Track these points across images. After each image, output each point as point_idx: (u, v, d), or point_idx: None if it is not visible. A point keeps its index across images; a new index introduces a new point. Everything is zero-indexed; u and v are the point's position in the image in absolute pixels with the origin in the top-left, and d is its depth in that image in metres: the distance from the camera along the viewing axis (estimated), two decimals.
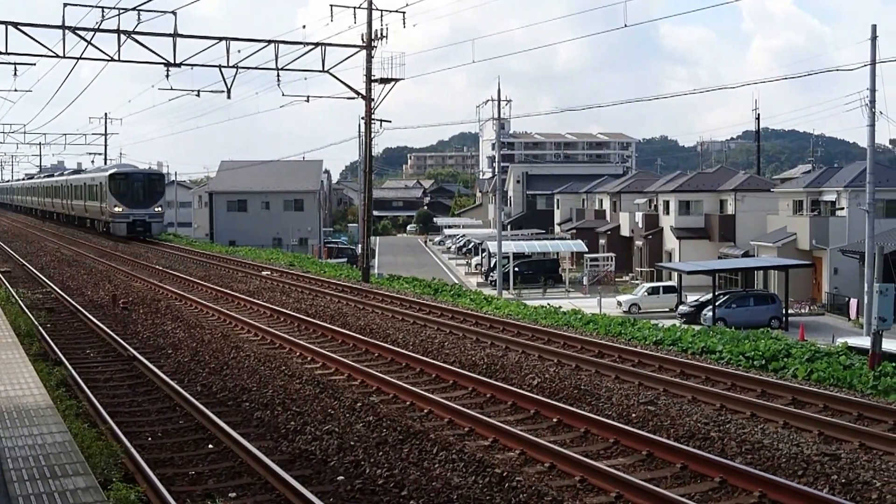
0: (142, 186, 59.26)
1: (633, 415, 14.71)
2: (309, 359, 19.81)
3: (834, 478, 11.43)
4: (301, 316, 25.69)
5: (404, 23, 38.52)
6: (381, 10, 38.44)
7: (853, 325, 47.78)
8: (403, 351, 20.08)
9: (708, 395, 15.85)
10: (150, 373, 17.82)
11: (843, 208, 57.21)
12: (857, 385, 18.01)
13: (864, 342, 25.10)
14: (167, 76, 36.53)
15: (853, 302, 49.56)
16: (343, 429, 13.83)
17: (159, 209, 60.82)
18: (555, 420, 14.41)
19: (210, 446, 13.13)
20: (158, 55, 35.29)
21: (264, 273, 38.81)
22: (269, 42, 36.28)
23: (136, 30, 33.77)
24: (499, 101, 63.53)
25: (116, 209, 58.25)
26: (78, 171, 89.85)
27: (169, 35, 34.23)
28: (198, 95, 40.27)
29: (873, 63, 36.07)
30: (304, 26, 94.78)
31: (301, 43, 37.30)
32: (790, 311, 51.32)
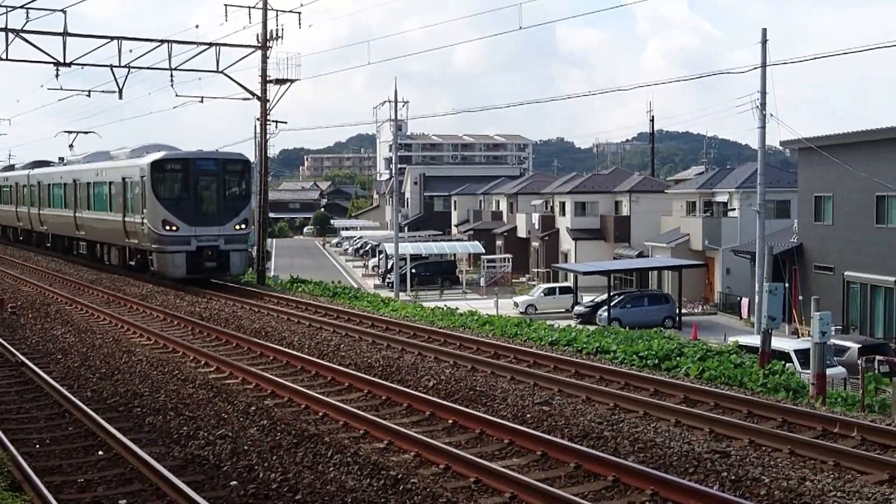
0: (215, 184, 33.97)
1: (528, 415, 14.77)
2: (202, 363, 19.43)
3: (724, 474, 11.63)
4: (195, 320, 25.22)
5: (300, 23, 38.20)
6: (277, 11, 37.98)
7: (745, 323, 49.05)
8: (299, 354, 19.84)
9: (602, 395, 16.02)
10: (38, 378, 17.27)
11: (734, 209, 58.66)
12: (748, 383, 18.45)
13: (755, 341, 25.78)
14: (57, 76, 35.45)
15: (745, 301, 50.86)
16: (237, 433, 13.57)
17: (243, 227, 34.50)
18: (450, 421, 14.39)
19: (100, 453, 12.75)
20: (48, 54, 34.30)
21: None
22: (162, 42, 35.54)
23: (24, 28, 32.84)
24: (395, 102, 63.58)
25: (167, 229, 32.89)
26: (70, 161, 47.39)
27: (58, 34, 33.31)
28: (88, 96, 39.29)
29: (764, 66, 37.04)
30: (197, 26, 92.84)
31: (195, 43, 36.62)
32: (684, 311, 52.44)
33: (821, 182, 45.08)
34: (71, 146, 51.90)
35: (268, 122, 39.64)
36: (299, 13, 37.84)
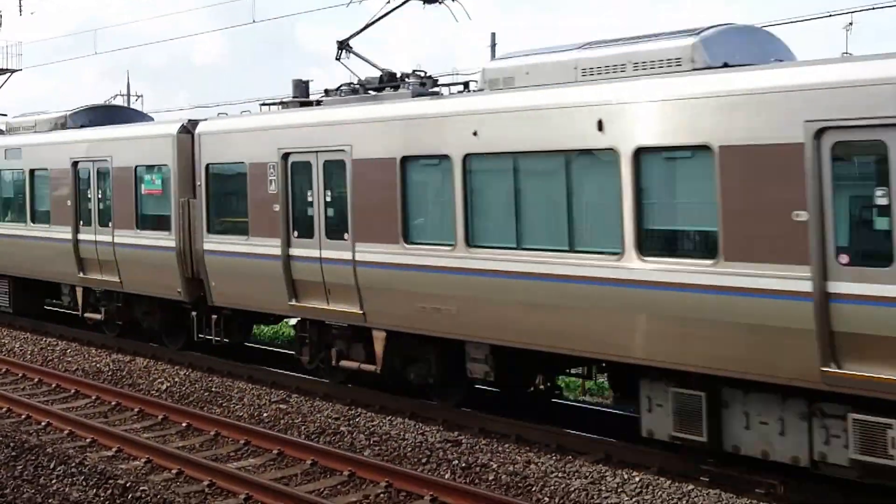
0: None
1: (265, 414, 14.65)
2: None
3: (455, 462, 12.01)
4: None
5: (21, 9, 35.97)
6: None
7: None
8: (20, 361, 18.72)
9: (341, 392, 16.05)
10: None
11: None
12: None
13: None
14: None
15: None
16: None
17: None
18: (184, 424, 14.03)
19: None
20: None
21: None
22: None
23: None
24: (129, 95, 61.12)
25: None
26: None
27: None
28: None
29: None
30: None
31: None
32: None
33: None
34: None
35: None
36: None
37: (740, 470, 10.80)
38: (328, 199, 14.61)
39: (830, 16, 20.28)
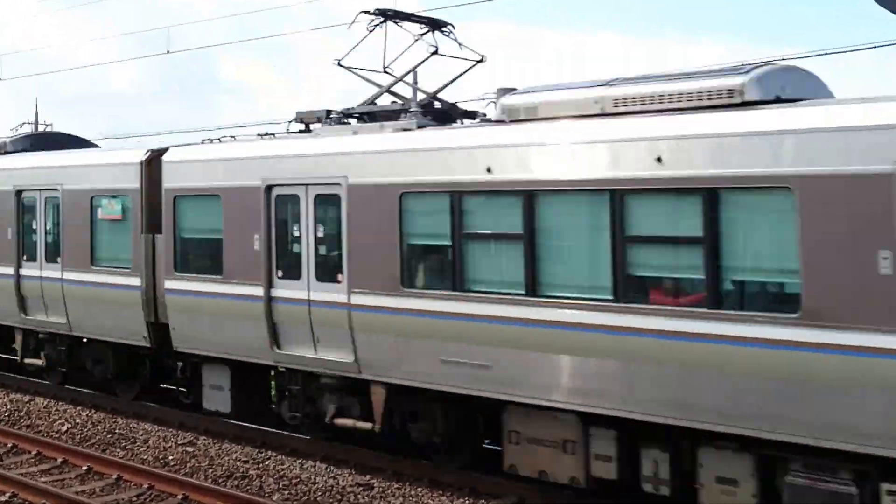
0: None
1: (171, 457, 14.21)
2: None
3: None
4: None
5: None
6: None
7: None
8: None
9: (251, 432, 15.60)
10: None
11: None
12: None
13: None
14: None
15: None
16: None
17: None
18: (84, 468, 13.53)
19: None
20: None
21: None
22: None
23: None
24: (36, 123, 59.69)
25: None
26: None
27: None
28: None
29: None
30: None
31: None
32: None
33: None
34: None
35: None
36: None
37: None
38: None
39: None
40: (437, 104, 14.26)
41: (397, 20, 14.54)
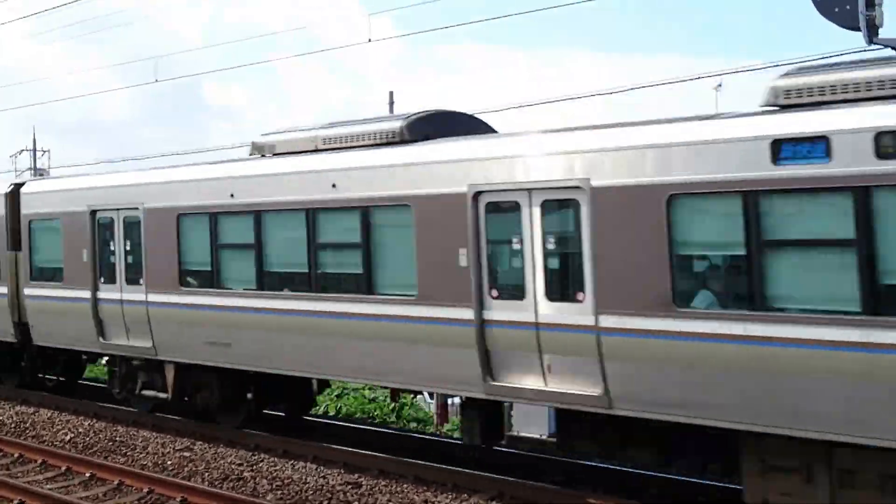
0: None
1: (169, 462, 14.82)
2: None
3: (355, 503, 12.39)
4: None
5: None
6: None
7: None
8: None
9: (244, 437, 16.22)
10: None
11: None
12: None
13: None
14: None
15: None
16: None
17: None
18: (87, 475, 14.15)
19: None
20: None
21: None
22: None
23: None
24: (34, 150, 60.60)
25: None
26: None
27: None
28: None
29: None
30: None
31: None
32: None
33: None
34: None
35: None
36: None
37: None
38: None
39: (700, 78, 21.87)
40: None
41: None
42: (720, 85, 24.63)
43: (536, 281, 11.44)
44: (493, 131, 14.13)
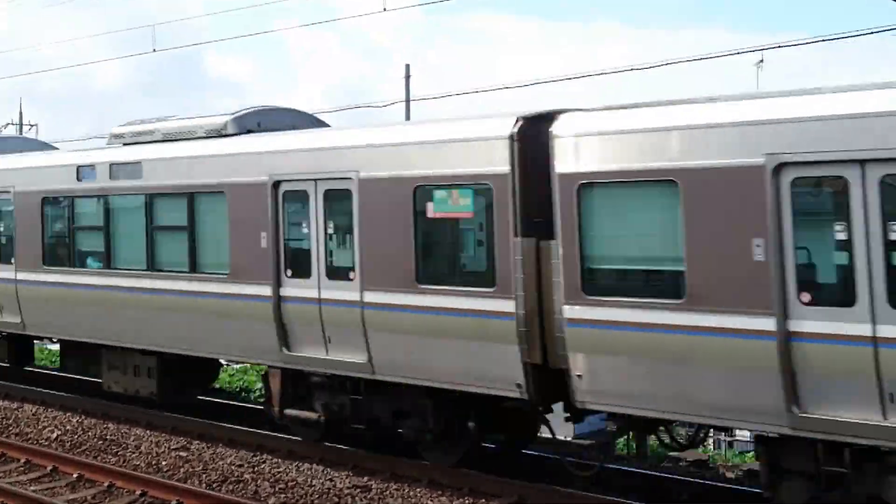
0: None
1: (164, 463, 14.02)
2: None
3: None
4: None
5: None
6: None
7: None
8: None
9: (245, 436, 15.40)
10: None
11: None
12: None
13: None
14: None
15: None
16: None
17: None
18: (75, 476, 13.34)
19: None
20: None
21: None
22: None
23: None
24: (21, 124, 59.41)
25: None
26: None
27: None
28: None
29: (407, 101, 38.35)
30: None
31: None
32: None
33: None
34: None
35: None
36: None
37: None
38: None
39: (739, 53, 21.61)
40: None
41: None
42: (762, 61, 25.06)
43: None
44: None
